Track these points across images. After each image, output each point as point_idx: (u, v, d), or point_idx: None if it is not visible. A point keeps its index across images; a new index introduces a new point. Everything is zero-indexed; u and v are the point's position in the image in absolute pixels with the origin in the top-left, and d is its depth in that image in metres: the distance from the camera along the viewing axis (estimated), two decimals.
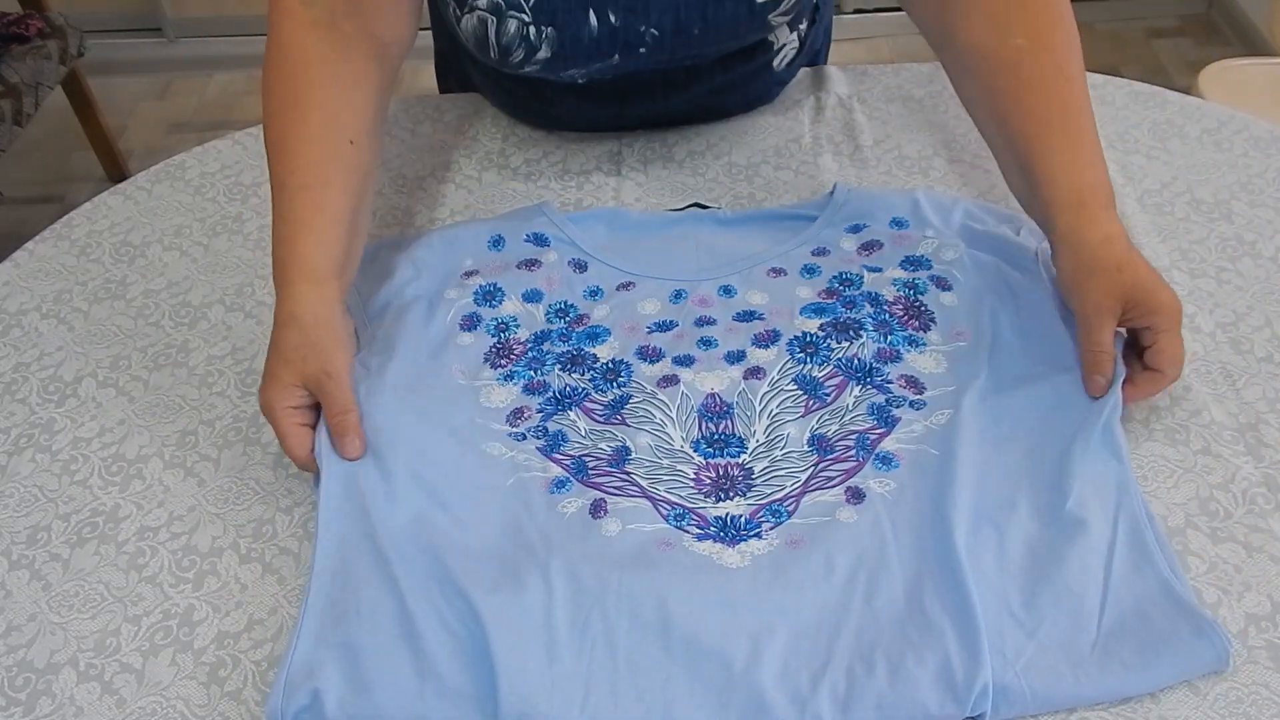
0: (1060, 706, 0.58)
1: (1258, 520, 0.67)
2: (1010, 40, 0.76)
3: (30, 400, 0.80)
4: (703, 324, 0.78)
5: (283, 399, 0.69)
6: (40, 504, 0.72)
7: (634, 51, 0.86)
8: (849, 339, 0.76)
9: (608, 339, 0.78)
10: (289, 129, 0.76)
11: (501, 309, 0.79)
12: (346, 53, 0.79)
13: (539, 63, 0.86)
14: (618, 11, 0.83)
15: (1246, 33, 2.54)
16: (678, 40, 0.85)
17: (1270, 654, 0.60)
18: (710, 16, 0.84)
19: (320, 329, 0.71)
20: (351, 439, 0.68)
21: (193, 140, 2.39)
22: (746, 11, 0.85)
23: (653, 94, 0.95)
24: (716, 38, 0.86)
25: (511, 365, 0.76)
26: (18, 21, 1.96)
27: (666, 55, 0.87)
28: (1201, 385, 0.75)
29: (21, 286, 0.89)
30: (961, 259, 0.80)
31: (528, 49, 0.84)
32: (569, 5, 0.82)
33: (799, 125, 1.00)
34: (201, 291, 0.88)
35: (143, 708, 0.61)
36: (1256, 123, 0.98)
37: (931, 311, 0.78)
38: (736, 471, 0.69)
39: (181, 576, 0.68)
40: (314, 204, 0.74)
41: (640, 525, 0.66)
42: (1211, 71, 1.72)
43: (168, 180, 0.99)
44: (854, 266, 0.81)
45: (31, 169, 2.42)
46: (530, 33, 0.83)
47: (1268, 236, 0.86)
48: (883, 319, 0.77)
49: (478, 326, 0.78)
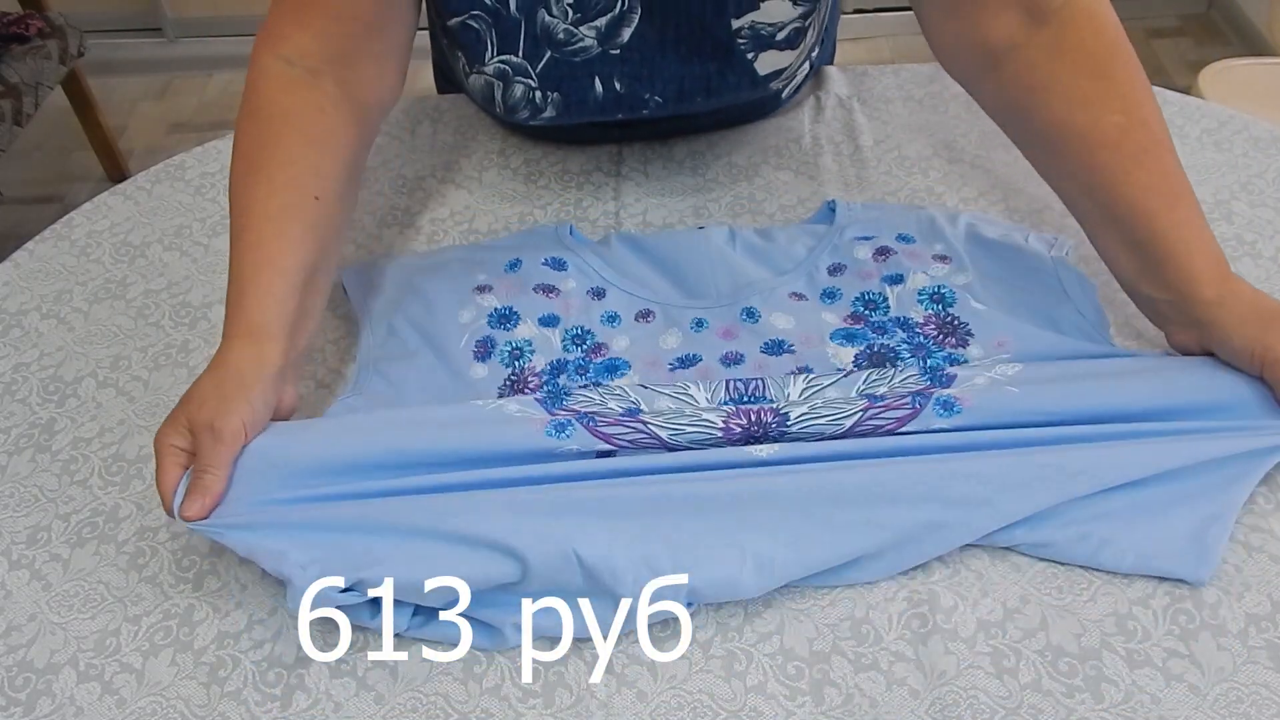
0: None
1: (1258, 520, 0.67)
2: (1107, 117, 0.73)
3: (30, 400, 0.80)
4: (730, 363, 0.75)
5: (167, 435, 0.66)
6: (40, 504, 0.72)
7: (638, 113, 0.87)
8: (888, 364, 0.73)
9: (627, 374, 0.75)
10: (252, 182, 0.73)
11: (516, 332, 0.77)
12: (323, 110, 0.76)
13: (544, 120, 0.87)
14: (623, 79, 0.84)
15: (1246, 33, 2.54)
16: (680, 105, 0.86)
17: (1270, 654, 0.60)
18: (714, 87, 0.85)
19: (233, 384, 0.66)
20: (196, 499, 0.63)
21: (193, 140, 2.39)
22: (749, 82, 0.85)
23: (655, 121, 0.96)
24: (720, 102, 0.87)
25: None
26: (18, 21, 1.96)
27: (669, 113, 0.88)
28: None
29: (21, 286, 0.89)
30: (972, 284, 0.78)
31: (533, 109, 0.85)
32: (574, 73, 0.83)
33: (799, 125, 1.00)
34: (201, 291, 0.88)
35: (143, 708, 0.61)
36: (1256, 123, 0.98)
37: (966, 324, 0.75)
38: (770, 417, 0.66)
39: (181, 576, 0.68)
40: (266, 259, 0.70)
41: (655, 458, 0.64)
42: (1211, 71, 1.72)
43: (168, 180, 0.99)
44: (873, 281, 0.78)
45: (31, 169, 2.42)
46: (536, 96, 0.84)
47: (1268, 236, 0.86)
48: (918, 343, 0.74)
49: (491, 354, 0.75)
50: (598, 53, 0.82)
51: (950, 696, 0.59)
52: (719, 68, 0.83)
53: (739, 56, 0.83)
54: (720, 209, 0.93)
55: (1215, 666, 0.60)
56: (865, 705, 0.59)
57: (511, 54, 0.82)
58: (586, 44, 0.81)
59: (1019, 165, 0.94)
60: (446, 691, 0.61)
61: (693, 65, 0.83)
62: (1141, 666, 0.60)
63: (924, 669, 0.61)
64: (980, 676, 0.60)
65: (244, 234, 0.72)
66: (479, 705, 0.60)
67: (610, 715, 0.60)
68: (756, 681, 0.61)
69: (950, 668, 0.60)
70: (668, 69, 0.83)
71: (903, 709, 0.59)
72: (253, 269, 0.70)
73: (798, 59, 0.86)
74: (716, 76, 0.84)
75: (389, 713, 0.60)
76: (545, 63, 0.82)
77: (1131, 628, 0.62)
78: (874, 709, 0.59)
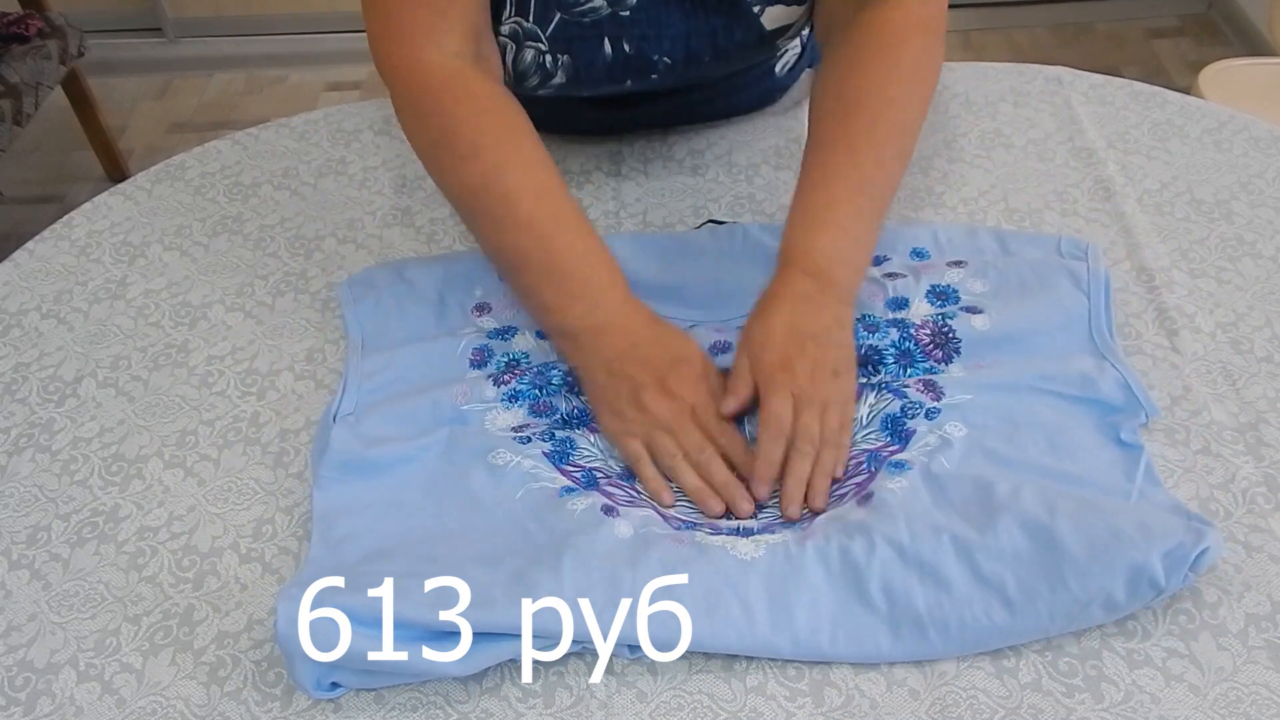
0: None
1: (1258, 520, 0.67)
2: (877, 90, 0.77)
3: (30, 400, 0.80)
4: (718, 351, 0.76)
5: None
6: (40, 504, 0.72)
7: (646, 77, 0.86)
8: (866, 375, 0.74)
9: None
10: (518, 183, 0.74)
11: (513, 344, 0.78)
12: (501, 94, 0.77)
13: (553, 87, 0.86)
14: (631, 40, 0.83)
15: (1246, 33, 2.54)
16: (689, 66, 0.86)
17: (1270, 654, 0.60)
18: (721, 44, 0.85)
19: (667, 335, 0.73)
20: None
21: (193, 140, 2.39)
22: (756, 39, 0.85)
23: (655, 99, 0.96)
24: (727, 63, 0.88)
25: (515, 380, 0.75)
26: (18, 21, 1.96)
27: (677, 78, 0.88)
28: (1201, 385, 0.75)
29: (21, 286, 0.89)
30: (992, 291, 0.78)
31: (543, 75, 0.85)
32: (584, 34, 0.83)
33: (799, 125, 1.00)
34: (201, 291, 0.88)
35: (143, 708, 0.61)
36: (1256, 123, 0.98)
37: (958, 340, 0.75)
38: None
39: (181, 576, 0.68)
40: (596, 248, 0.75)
41: (652, 529, 0.65)
42: (1211, 71, 1.72)
43: (168, 180, 0.99)
44: (877, 304, 0.79)
45: (31, 169, 2.42)
46: (546, 60, 0.84)
47: (1268, 236, 0.86)
48: (906, 348, 0.75)
49: (487, 363, 0.77)
50: (607, 13, 0.82)
51: (950, 697, 0.59)
52: (725, 22, 0.84)
53: (745, 9, 0.83)
54: (720, 209, 0.93)
55: (1215, 666, 0.60)
56: (865, 706, 0.59)
57: (523, 18, 0.82)
58: (596, 4, 0.81)
59: (1019, 165, 0.95)
60: (446, 691, 0.61)
61: (699, 20, 0.83)
62: (1141, 666, 0.60)
63: (924, 669, 0.60)
64: (980, 676, 0.60)
65: (562, 233, 0.74)
66: (479, 705, 0.60)
67: (610, 715, 0.60)
68: (756, 682, 0.61)
69: (950, 668, 0.60)
70: (674, 26, 0.83)
71: (903, 709, 0.59)
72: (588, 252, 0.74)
73: (803, 16, 0.86)
74: (724, 32, 0.84)
75: (389, 713, 0.60)
76: (555, 25, 0.82)
77: (1131, 628, 0.62)
78: (874, 710, 0.59)
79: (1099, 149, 0.95)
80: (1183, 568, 0.60)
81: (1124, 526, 0.61)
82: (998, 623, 0.60)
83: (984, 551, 0.61)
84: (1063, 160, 0.94)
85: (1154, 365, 0.76)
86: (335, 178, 0.98)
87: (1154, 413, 0.71)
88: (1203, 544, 0.60)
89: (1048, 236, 0.85)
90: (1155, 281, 0.82)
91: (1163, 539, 0.60)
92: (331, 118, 1.05)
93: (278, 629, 0.58)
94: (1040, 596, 0.60)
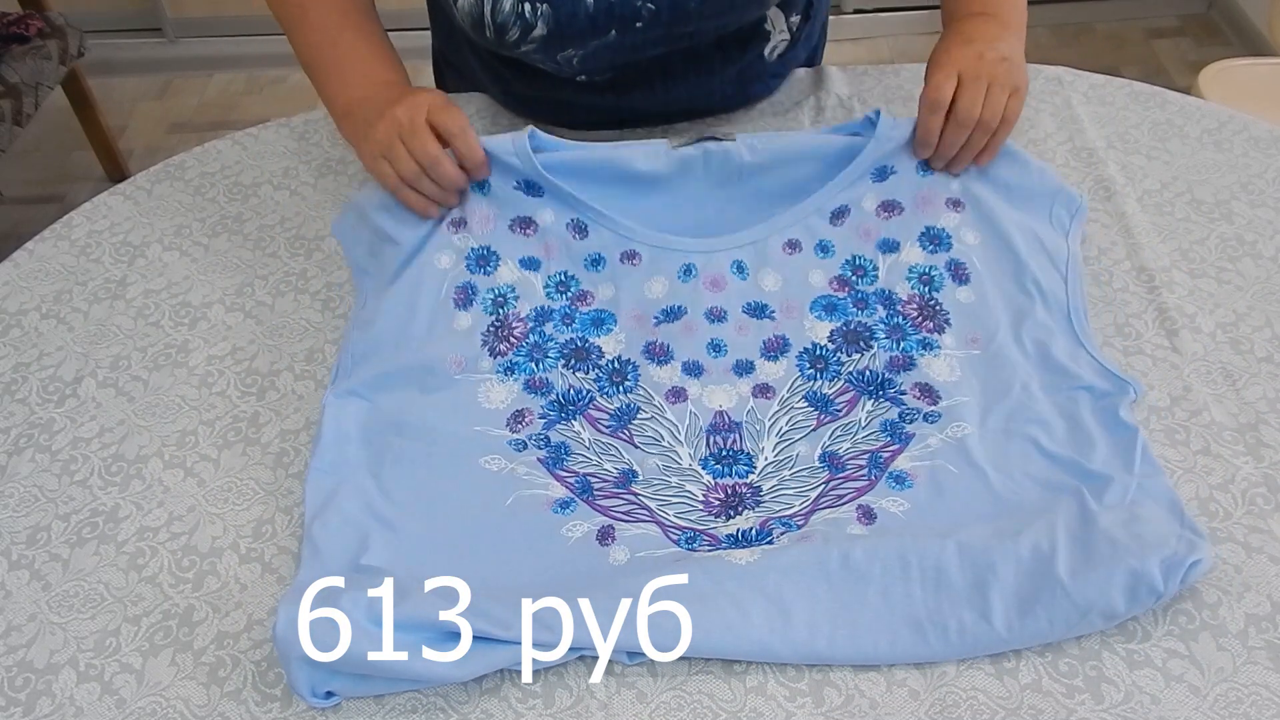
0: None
1: (1257, 520, 0.67)
2: None
3: (30, 400, 0.80)
4: (713, 319, 0.77)
5: (421, 113, 0.78)
6: (40, 504, 0.72)
7: (630, 26, 0.84)
8: (859, 350, 0.75)
9: (613, 329, 0.77)
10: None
11: (498, 276, 0.78)
12: None
13: (535, 41, 0.85)
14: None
15: (1246, 33, 2.53)
16: (674, 15, 0.84)
17: (1270, 654, 0.60)
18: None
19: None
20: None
21: (193, 140, 2.39)
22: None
23: (651, 84, 0.95)
24: (714, 11, 0.85)
25: (512, 353, 0.75)
26: (18, 21, 1.95)
27: (663, 31, 0.85)
28: (1201, 385, 0.75)
29: (21, 286, 0.89)
30: (984, 243, 0.79)
31: (523, 26, 0.84)
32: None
33: (799, 125, 1.00)
34: (201, 291, 0.88)
35: (143, 708, 0.61)
36: (1256, 123, 0.97)
37: (947, 312, 0.77)
38: (745, 490, 0.69)
39: (181, 576, 0.68)
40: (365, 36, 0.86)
41: (651, 551, 0.66)
42: (1211, 71, 1.71)
43: (168, 180, 0.99)
44: (869, 244, 0.79)
45: (31, 169, 2.42)
46: (525, 10, 0.82)
47: (1268, 236, 0.86)
48: (895, 323, 0.77)
49: (473, 302, 0.77)
50: None
51: (950, 697, 0.59)
52: None
53: None
54: None
55: (1215, 667, 0.60)
56: (865, 706, 0.59)
57: None
58: None
59: None
60: (446, 692, 0.61)
61: None
62: (1141, 667, 0.60)
63: (924, 669, 0.60)
64: (980, 677, 0.60)
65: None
66: (479, 705, 0.60)
67: (610, 715, 0.60)
68: (756, 682, 0.61)
69: (950, 668, 0.60)
70: None
71: (903, 709, 0.59)
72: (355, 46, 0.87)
73: None
74: None
75: (389, 713, 0.60)
76: None
77: (1131, 629, 0.62)
78: (874, 710, 0.59)
79: (1099, 149, 0.95)
80: (1179, 573, 0.60)
81: (1121, 535, 0.61)
82: (997, 630, 0.60)
83: (984, 560, 0.61)
84: (1063, 160, 0.94)
85: (1154, 365, 0.76)
86: (335, 178, 0.98)
87: (1139, 389, 0.72)
88: (1194, 555, 0.61)
89: (1050, 184, 0.83)
90: (1155, 281, 0.82)
91: (1159, 547, 0.61)
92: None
93: (276, 632, 0.58)
94: (1040, 604, 0.60)
